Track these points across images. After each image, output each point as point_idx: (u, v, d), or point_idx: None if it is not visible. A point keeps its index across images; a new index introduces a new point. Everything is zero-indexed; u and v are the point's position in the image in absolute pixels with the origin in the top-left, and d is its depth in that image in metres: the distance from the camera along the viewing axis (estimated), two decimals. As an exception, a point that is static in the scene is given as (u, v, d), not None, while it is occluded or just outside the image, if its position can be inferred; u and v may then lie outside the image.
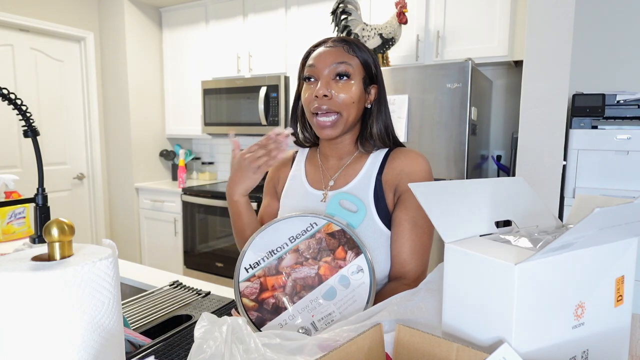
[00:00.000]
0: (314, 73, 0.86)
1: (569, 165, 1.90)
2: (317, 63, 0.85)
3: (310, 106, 0.86)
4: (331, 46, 0.86)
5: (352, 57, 0.86)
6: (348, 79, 0.85)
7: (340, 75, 0.84)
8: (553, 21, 1.78)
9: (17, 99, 0.99)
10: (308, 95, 0.86)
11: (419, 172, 0.86)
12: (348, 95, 0.84)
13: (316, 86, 0.85)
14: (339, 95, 0.84)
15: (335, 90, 0.84)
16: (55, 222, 0.44)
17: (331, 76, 0.85)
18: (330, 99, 0.84)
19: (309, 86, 0.87)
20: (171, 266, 3.23)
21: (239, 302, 0.72)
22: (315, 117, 0.86)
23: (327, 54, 0.85)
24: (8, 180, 1.52)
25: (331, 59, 0.84)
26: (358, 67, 0.86)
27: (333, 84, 0.84)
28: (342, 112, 0.84)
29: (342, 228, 0.73)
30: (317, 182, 0.93)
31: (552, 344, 0.43)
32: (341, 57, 0.85)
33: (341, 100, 0.84)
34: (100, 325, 0.44)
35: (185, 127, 3.43)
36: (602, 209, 0.36)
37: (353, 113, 0.86)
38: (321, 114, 0.85)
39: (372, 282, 0.71)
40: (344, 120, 0.85)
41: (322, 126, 0.85)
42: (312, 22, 2.75)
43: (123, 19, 3.21)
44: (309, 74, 0.87)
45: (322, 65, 0.85)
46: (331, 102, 0.84)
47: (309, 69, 0.86)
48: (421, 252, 0.83)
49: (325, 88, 0.84)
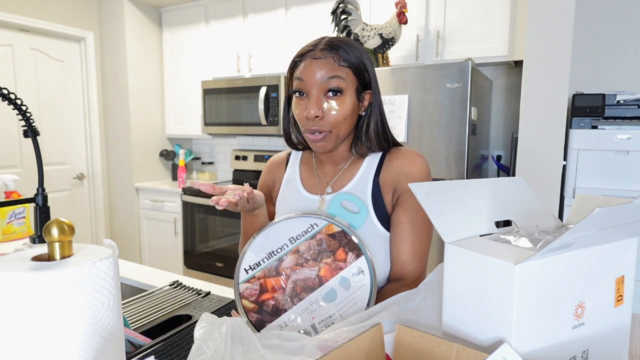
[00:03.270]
0: (304, 88, 0.80)
1: (569, 165, 1.90)
2: (307, 78, 0.79)
3: (302, 124, 0.82)
4: (320, 57, 0.79)
5: (343, 68, 0.79)
6: (341, 95, 0.79)
7: (333, 92, 0.79)
8: (553, 21, 1.78)
9: (17, 99, 0.99)
10: (299, 112, 0.81)
11: (418, 172, 0.84)
12: (340, 113, 0.80)
13: (306, 102, 0.80)
14: (330, 114, 0.79)
15: (327, 108, 0.79)
16: (55, 222, 0.44)
17: (322, 92, 0.79)
18: (322, 118, 0.79)
19: (300, 101, 0.81)
20: (171, 266, 3.23)
21: (239, 303, 0.72)
22: (307, 132, 0.82)
23: (317, 67, 0.78)
24: (8, 180, 1.52)
25: (321, 74, 0.78)
26: (350, 77, 0.80)
27: (324, 100, 0.79)
28: (333, 129, 0.80)
29: (343, 229, 0.72)
30: (313, 186, 0.91)
31: (552, 344, 0.43)
32: (332, 70, 0.78)
33: (332, 119, 0.79)
34: (101, 325, 0.44)
35: (185, 127, 3.43)
36: (602, 209, 0.36)
37: (344, 128, 0.82)
38: (312, 132, 0.81)
39: (372, 284, 0.70)
40: (334, 136, 0.81)
41: (314, 141, 0.82)
42: (312, 22, 2.75)
43: (123, 19, 3.21)
44: (298, 88, 0.81)
45: (312, 81, 0.78)
46: (322, 123, 0.79)
47: (298, 82, 0.81)
48: (421, 253, 0.83)
49: (316, 107, 0.78)
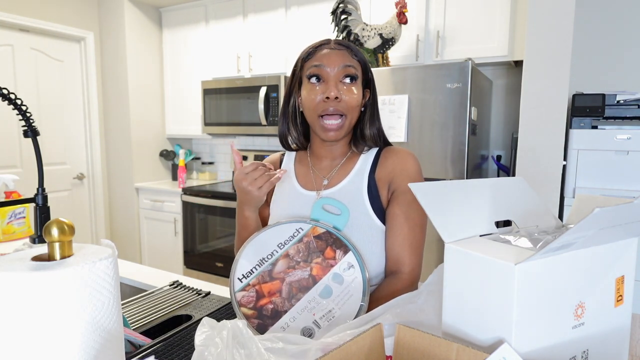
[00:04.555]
0: (322, 73, 0.85)
1: (569, 165, 1.90)
2: (327, 63, 0.84)
3: (317, 108, 0.85)
4: (336, 48, 0.86)
5: (355, 60, 0.87)
6: (354, 82, 0.86)
7: (349, 77, 0.85)
8: (553, 21, 1.78)
9: (17, 99, 0.99)
10: (314, 97, 0.85)
11: (411, 169, 0.88)
12: (355, 98, 0.85)
13: (323, 87, 0.84)
14: (346, 98, 0.84)
15: (343, 93, 0.84)
16: (55, 222, 0.44)
17: (339, 78, 0.84)
18: (340, 101, 0.84)
19: (314, 87, 0.85)
20: (171, 266, 3.23)
21: (237, 311, 0.73)
22: (321, 119, 0.85)
23: (336, 55, 0.85)
24: (8, 180, 1.52)
25: (340, 60, 0.84)
26: (359, 70, 0.87)
27: (340, 86, 0.84)
28: (348, 114, 0.85)
29: (327, 229, 0.76)
30: (309, 183, 0.93)
31: (552, 344, 0.43)
32: (349, 59, 0.85)
33: (348, 102, 0.84)
34: (100, 325, 0.44)
35: (185, 127, 3.43)
36: (602, 209, 0.36)
37: (355, 116, 0.88)
38: (328, 116, 0.84)
39: (364, 276, 0.73)
40: (348, 122, 0.86)
41: (328, 129, 0.85)
42: (312, 22, 2.74)
43: (123, 19, 3.21)
44: (315, 73, 0.85)
45: (332, 66, 0.84)
46: (340, 104, 0.84)
47: (315, 68, 0.85)
48: (415, 245, 0.85)
49: (336, 89, 0.83)
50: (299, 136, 0.95)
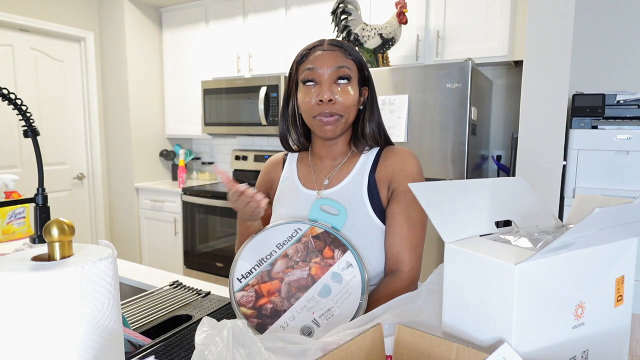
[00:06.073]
0: (315, 76, 0.85)
1: (569, 165, 1.90)
2: (319, 66, 0.85)
3: (312, 111, 0.86)
4: (329, 49, 0.86)
5: (349, 60, 0.87)
6: (348, 82, 0.86)
7: (343, 79, 0.85)
8: (553, 21, 1.78)
9: (17, 99, 0.99)
10: (309, 99, 0.85)
11: (411, 169, 0.88)
12: (350, 99, 0.86)
13: (317, 90, 0.85)
14: (341, 99, 0.84)
15: (338, 94, 0.84)
16: (55, 222, 0.44)
17: (333, 79, 0.85)
18: (335, 103, 0.84)
19: (309, 90, 0.86)
20: (171, 266, 3.23)
21: (237, 311, 0.73)
22: (315, 118, 0.86)
23: (328, 57, 0.85)
24: (8, 180, 1.52)
25: (332, 62, 0.84)
26: (354, 70, 0.87)
27: (334, 88, 0.85)
28: (344, 114, 0.86)
29: (325, 229, 0.76)
30: (310, 183, 0.94)
31: (552, 344, 0.43)
32: (341, 60, 0.85)
33: (343, 103, 0.85)
34: (100, 325, 0.44)
35: (185, 127, 3.43)
36: (602, 209, 0.36)
37: (352, 115, 0.88)
38: (324, 117, 0.85)
39: (363, 275, 0.74)
40: (343, 121, 0.87)
41: (324, 123, 0.85)
42: (312, 22, 2.74)
43: (123, 19, 3.21)
44: (309, 77, 0.86)
45: (325, 68, 0.84)
46: (335, 107, 0.84)
47: (308, 72, 0.86)
48: (415, 244, 0.85)
49: (329, 92, 0.84)
50: (299, 137, 0.96)
